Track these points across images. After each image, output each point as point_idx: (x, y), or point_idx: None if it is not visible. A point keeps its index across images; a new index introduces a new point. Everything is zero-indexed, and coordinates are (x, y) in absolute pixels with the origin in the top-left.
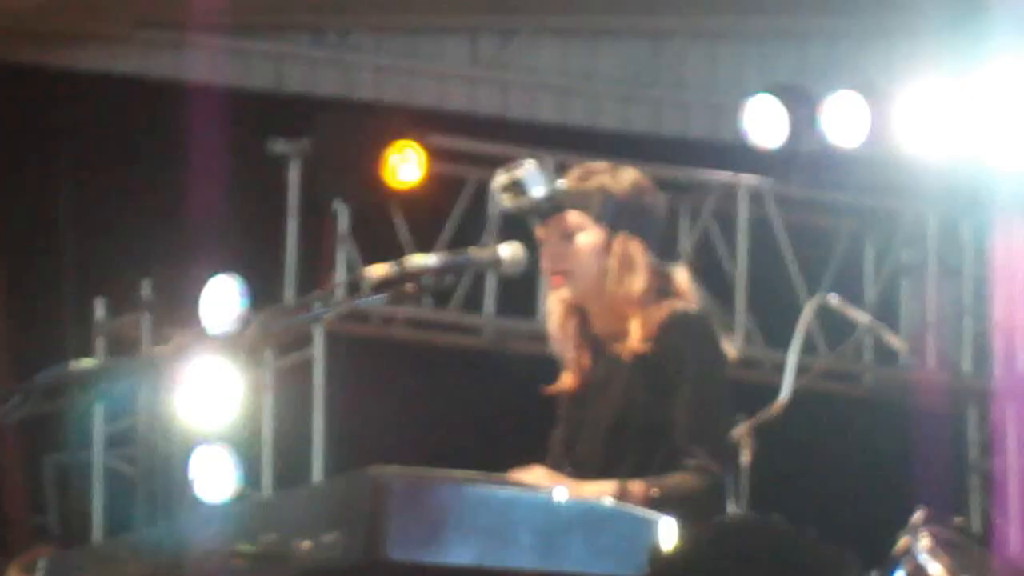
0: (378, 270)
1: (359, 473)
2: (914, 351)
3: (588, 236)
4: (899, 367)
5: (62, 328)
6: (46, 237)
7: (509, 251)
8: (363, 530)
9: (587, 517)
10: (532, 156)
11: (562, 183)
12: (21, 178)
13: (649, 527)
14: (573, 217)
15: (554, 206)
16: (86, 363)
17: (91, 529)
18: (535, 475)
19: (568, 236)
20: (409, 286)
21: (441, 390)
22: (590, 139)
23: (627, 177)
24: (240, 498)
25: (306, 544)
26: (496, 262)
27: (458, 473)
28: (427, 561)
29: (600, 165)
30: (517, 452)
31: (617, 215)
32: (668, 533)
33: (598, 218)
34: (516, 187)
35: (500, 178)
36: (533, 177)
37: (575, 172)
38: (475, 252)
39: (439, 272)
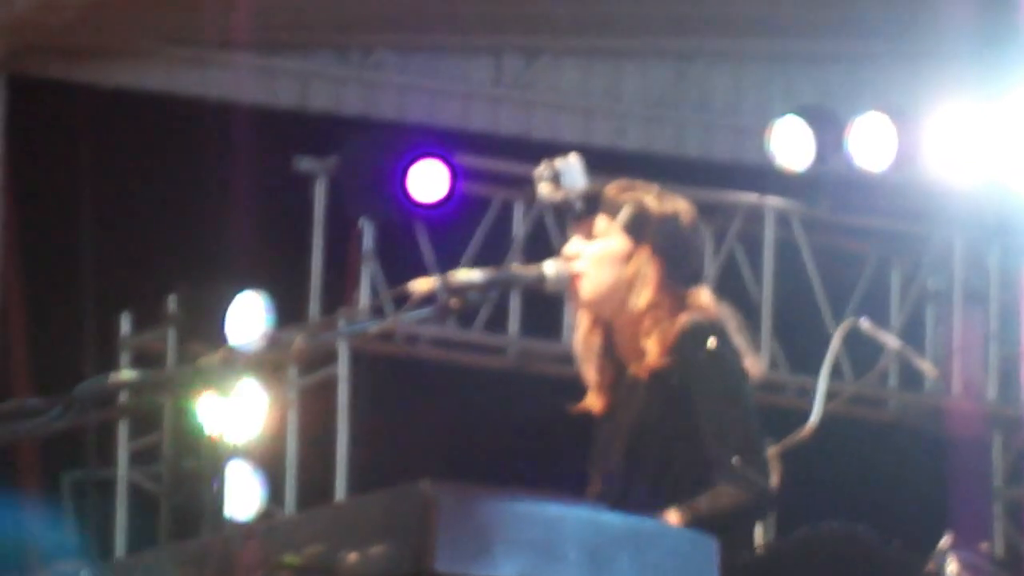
0: (423, 284)
1: (407, 486)
2: (940, 377)
3: (609, 243)
4: (925, 393)
5: (86, 343)
6: (71, 251)
7: (554, 268)
8: (411, 542)
9: (635, 533)
10: None
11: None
12: (47, 192)
13: (696, 544)
14: (602, 223)
15: (587, 207)
16: (125, 375)
17: (112, 546)
18: None
19: (592, 237)
20: (454, 301)
21: (465, 410)
22: (614, 160)
23: (671, 201)
24: (263, 516)
25: (353, 556)
26: (541, 279)
27: (506, 487)
28: (474, 574)
29: (649, 185)
30: (540, 472)
31: (645, 230)
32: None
33: (625, 229)
34: (555, 178)
35: (541, 167)
36: (573, 171)
37: (620, 182)
38: (520, 268)
39: (484, 288)
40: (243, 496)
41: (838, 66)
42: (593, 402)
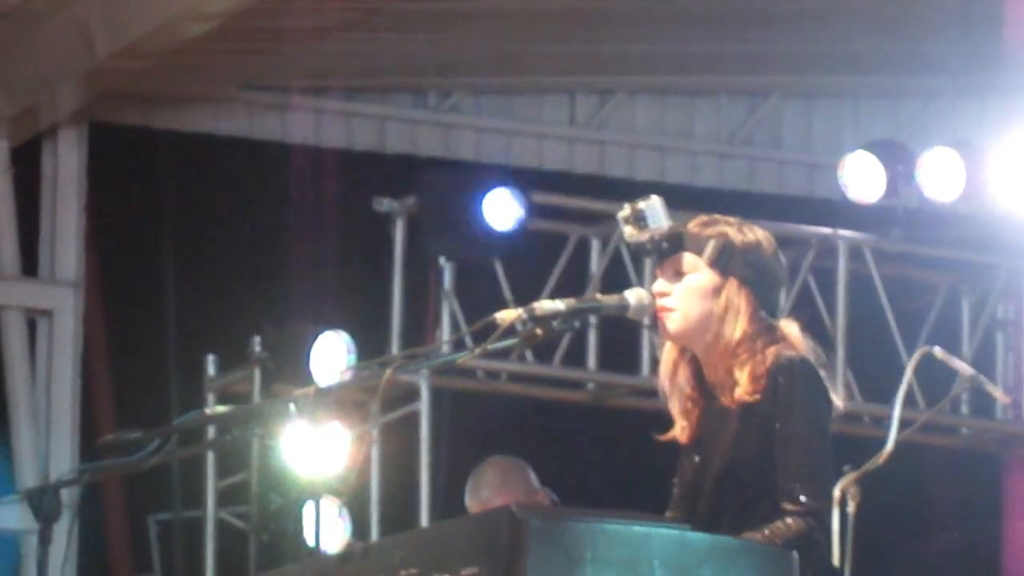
0: (507, 315)
1: (498, 509)
2: (1011, 404)
3: (697, 277)
4: (996, 420)
5: (171, 385)
6: (154, 296)
7: (636, 296)
8: (502, 564)
9: (718, 551)
10: None
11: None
12: (129, 238)
13: (778, 561)
14: (688, 259)
15: (672, 245)
16: (220, 409)
17: None
18: None
19: (679, 275)
20: (539, 330)
21: (544, 444)
22: (687, 197)
23: (752, 232)
24: (348, 551)
25: None
26: (625, 307)
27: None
28: None
29: (729, 218)
30: (618, 504)
31: (731, 263)
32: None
33: (711, 263)
34: (638, 220)
35: (624, 210)
36: (656, 212)
37: (700, 218)
38: (603, 298)
39: (569, 316)
40: (328, 531)
41: (908, 101)
42: (680, 433)
